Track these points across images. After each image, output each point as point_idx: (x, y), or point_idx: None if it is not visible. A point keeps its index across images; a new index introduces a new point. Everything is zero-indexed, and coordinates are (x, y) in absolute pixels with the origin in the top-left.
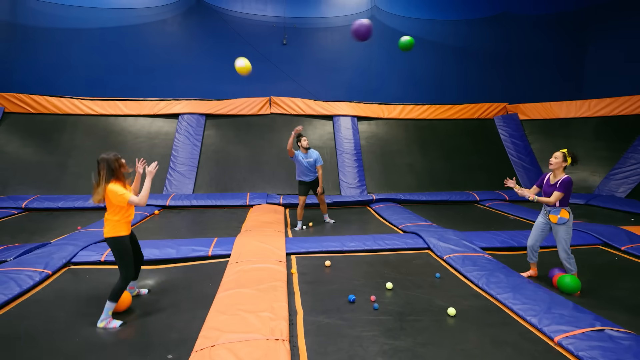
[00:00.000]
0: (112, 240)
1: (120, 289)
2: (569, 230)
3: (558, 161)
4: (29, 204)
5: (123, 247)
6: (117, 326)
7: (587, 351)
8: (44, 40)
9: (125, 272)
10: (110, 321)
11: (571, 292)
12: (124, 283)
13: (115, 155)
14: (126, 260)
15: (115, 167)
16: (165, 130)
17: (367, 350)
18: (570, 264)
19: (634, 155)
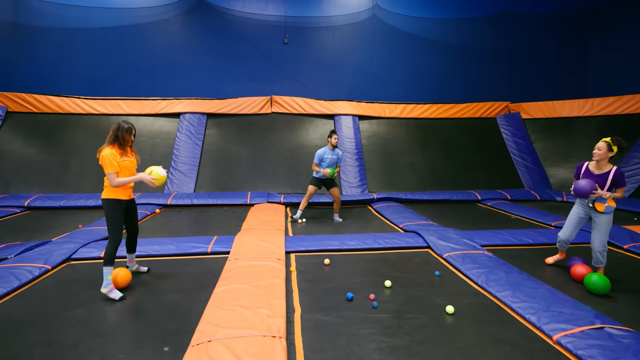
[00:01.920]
0: (104, 202)
1: (109, 252)
2: (611, 220)
3: (603, 152)
4: (32, 202)
5: (113, 210)
6: (117, 297)
7: (586, 350)
8: (46, 40)
9: (112, 235)
10: (112, 290)
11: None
12: (113, 246)
13: (128, 127)
14: (113, 222)
15: (120, 134)
16: (166, 129)
17: (364, 348)
18: (604, 256)
19: (637, 155)
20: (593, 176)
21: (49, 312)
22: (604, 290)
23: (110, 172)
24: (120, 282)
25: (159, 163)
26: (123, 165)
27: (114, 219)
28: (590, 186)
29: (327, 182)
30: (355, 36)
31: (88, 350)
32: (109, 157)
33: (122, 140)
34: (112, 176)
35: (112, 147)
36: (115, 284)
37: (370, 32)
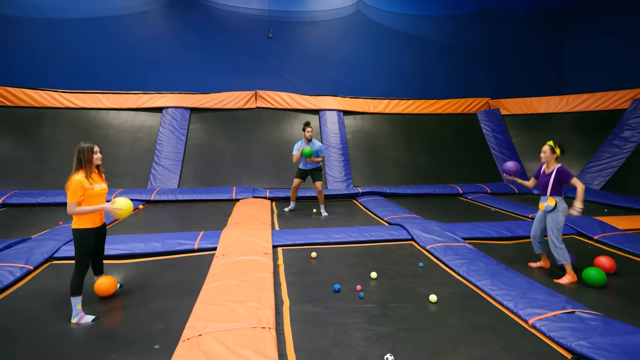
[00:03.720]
0: (74, 232)
1: (77, 282)
2: (558, 219)
3: (547, 155)
4: (7, 199)
5: (81, 240)
6: (90, 321)
7: (558, 332)
8: (22, 31)
9: (80, 264)
10: (83, 316)
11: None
12: (80, 276)
13: (89, 147)
14: (82, 252)
15: (83, 157)
16: (148, 124)
17: (351, 337)
18: (559, 254)
19: (608, 149)
20: (544, 175)
21: (32, 315)
22: (600, 283)
23: (70, 202)
24: (107, 290)
25: (141, 158)
26: (93, 193)
27: (82, 248)
28: (514, 167)
29: (312, 173)
30: (339, 32)
31: (77, 351)
32: (75, 186)
33: (87, 162)
34: (72, 205)
35: (79, 173)
36: (100, 293)
37: (354, 27)
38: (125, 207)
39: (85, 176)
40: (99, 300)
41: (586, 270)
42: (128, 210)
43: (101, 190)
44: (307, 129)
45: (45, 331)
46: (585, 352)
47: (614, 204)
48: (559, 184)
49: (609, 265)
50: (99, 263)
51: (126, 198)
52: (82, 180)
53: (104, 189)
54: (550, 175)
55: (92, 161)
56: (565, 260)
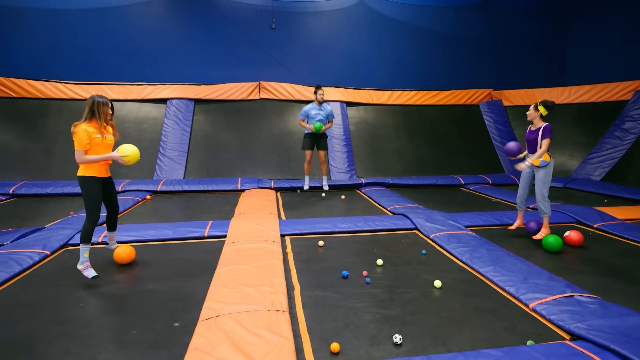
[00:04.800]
0: (79, 179)
1: (87, 230)
2: (549, 173)
3: (531, 112)
4: (17, 190)
5: (89, 187)
6: (90, 276)
7: (558, 315)
8: (24, 22)
9: (90, 213)
10: (88, 267)
11: (554, 249)
12: (90, 224)
13: (103, 99)
14: (90, 200)
15: (97, 110)
16: (153, 115)
17: (360, 319)
18: (545, 206)
19: (609, 141)
20: (531, 132)
21: (55, 295)
22: (557, 248)
23: (78, 149)
24: (125, 258)
25: (147, 149)
26: (98, 142)
27: (91, 197)
28: (516, 147)
29: (318, 141)
30: (342, 22)
31: (101, 326)
32: (81, 134)
33: (99, 115)
34: (79, 153)
35: (89, 123)
36: (120, 260)
37: (357, 18)
38: (132, 153)
39: (98, 128)
40: (119, 279)
41: (545, 239)
42: (135, 156)
43: (108, 141)
44: (318, 91)
45: (67, 307)
46: (582, 334)
47: (614, 195)
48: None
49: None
50: (113, 219)
51: (132, 145)
52: (87, 129)
53: (111, 139)
54: (537, 132)
55: (105, 114)
56: (548, 212)
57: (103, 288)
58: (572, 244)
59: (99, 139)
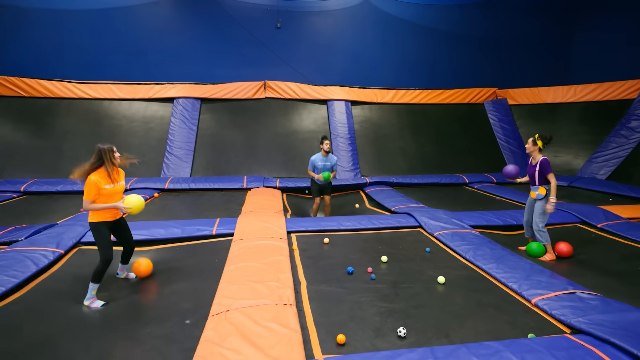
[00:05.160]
0: (90, 225)
1: (99, 271)
2: (543, 206)
3: (529, 146)
4: (28, 187)
5: (98, 233)
6: (99, 306)
7: (559, 310)
8: (33, 22)
9: (102, 255)
10: (94, 301)
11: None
12: (102, 265)
13: (109, 147)
14: (101, 243)
15: (105, 157)
16: (160, 114)
17: (365, 312)
18: (542, 236)
19: (615, 139)
20: (531, 166)
21: (71, 295)
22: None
23: (86, 199)
24: (143, 272)
25: (154, 148)
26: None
27: (101, 241)
28: (515, 171)
29: (323, 188)
30: (347, 21)
31: (116, 325)
32: (91, 186)
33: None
34: (87, 202)
35: (98, 172)
36: (139, 273)
37: (362, 17)
38: (135, 205)
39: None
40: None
41: (529, 245)
42: (138, 208)
43: (117, 189)
44: (325, 142)
45: (84, 307)
46: (583, 328)
47: (619, 194)
48: (542, 174)
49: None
50: (127, 255)
51: (138, 195)
52: (98, 180)
53: (122, 186)
54: (536, 166)
55: (114, 160)
56: (546, 241)
57: (116, 289)
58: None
59: (108, 190)
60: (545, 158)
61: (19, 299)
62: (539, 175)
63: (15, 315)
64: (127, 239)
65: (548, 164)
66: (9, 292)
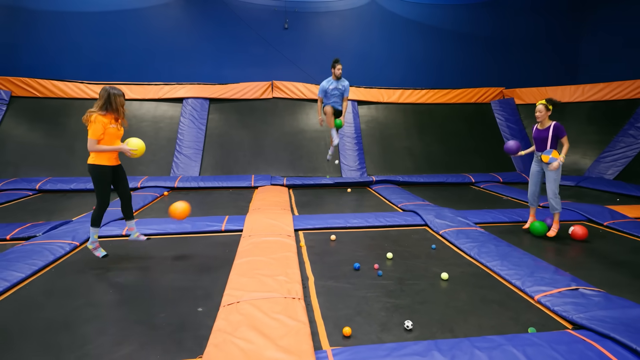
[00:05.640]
0: (90, 167)
1: (96, 214)
2: (559, 171)
3: (542, 114)
4: (43, 185)
5: (98, 175)
6: (100, 255)
7: (562, 306)
8: (47, 24)
9: (99, 198)
10: (97, 247)
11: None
12: (99, 208)
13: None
14: (100, 187)
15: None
16: (170, 114)
17: (372, 307)
18: (556, 202)
19: (623, 139)
20: (539, 131)
21: (86, 282)
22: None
23: (92, 138)
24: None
25: (164, 147)
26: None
27: (100, 183)
28: (516, 146)
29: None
30: (354, 22)
31: (130, 311)
32: (97, 125)
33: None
34: (93, 142)
35: (105, 114)
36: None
37: (369, 17)
38: (140, 147)
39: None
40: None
41: (532, 224)
42: (142, 151)
43: (118, 131)
44: (337, 65)
45: (98, 293)
46: (585, 324)
47: (627, 194)
48: (556, 138)
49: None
50: (127, 207)
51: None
52: (103, 120)
53: (122, 132)
54: (547, 130)
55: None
56: (559, 208)
57: (129, 277)
58: (577, 238)
59: (113, 129)
60: (557, 122)
61: (38, 283)
62: (552, 139)
63: (35, 297)
64: (124, 187)
65: (563, 127)
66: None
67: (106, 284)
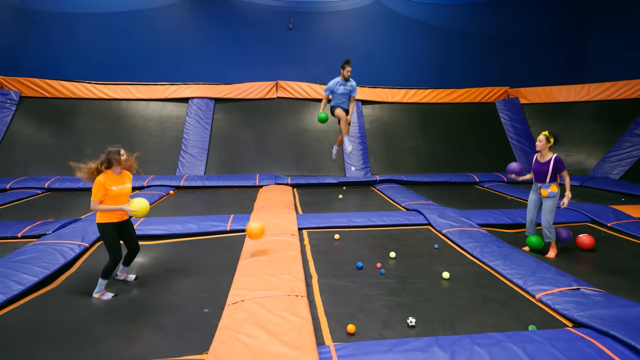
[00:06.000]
0: (97, 225)
1: (109, 268)
2: (555, 203)
3: (542, 143)
4: (52, 184)
5: (105, 233)
6: (109, 298)
7: (562, 305)
8: (56, 25)
9: (111, 253)
10: (104, 294)
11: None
12: (111, 263)
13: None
14: (108, 243)
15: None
16: (175, 114)
17: (374, 305)
18: (551, 232)
19: (629, 139)
20: (540, 164)
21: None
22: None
23: (94, 200)
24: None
25: (169, 147)
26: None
27: (109, 240)
28: (519, 168)
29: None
30: (358, 22)
31: (139, 313)
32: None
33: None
34: (94, 203)
35: (106, 173)
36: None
37: (373, 17)
38: (140, 208)
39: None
40: (151, 273)
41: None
42: (143, 211)
43: (124, 191)
44: (347, 67)
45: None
46: (584, 321)
47: (632, 193)
48: (555, 172)
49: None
50: (130, 258)
51: (143, 199)
52: (105, 182)
53: (128, 189)
54: (547, 164)
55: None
56: (553, 237)
57: (139, 280)
58: (583, 248)
59: (115, 191)
60: (558, 155)
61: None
62: (552, 172)
63: (48, 303)
64: (132, 241)
65: (563, 161)
66: (40, 282)
67: (113, 289)
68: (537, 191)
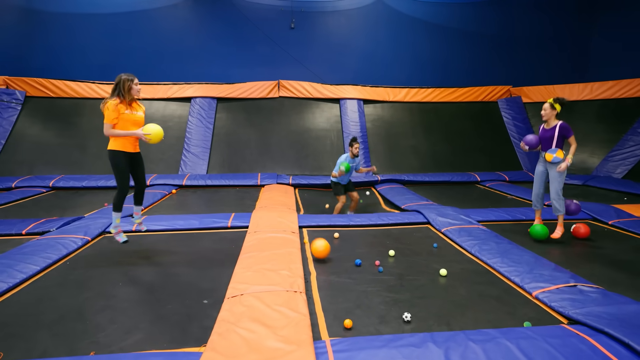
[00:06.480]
0: (109, 152)
1: (117, 199)
2: (563, 173)
3: (547, 112)
4: (56, 183)
5: (116, 160)
6: (121, 241)
7: (559, 302)
8: (60, 25)
9: (119, 184)
10: (119, 232)
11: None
12: (120, 194)
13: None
14: (118, 172)
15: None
16: (178, 113)
17: (371, 301)
18: (560, 204)
19: (632, 138)
20: (545, 131)
21: (97, 275)
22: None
23: (106, 123)
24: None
25: (172, 146)
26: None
27: (118, 169)
28: (535, 140)
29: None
30: (360, 21)
31: (139, 302)
32: (111, 109)
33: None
34: (107, 126)
35: (116, 99)
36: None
37: (374, 16)
38: (154, 132)
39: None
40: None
41: (532, 228)
42: (157, 136)
43: (136, 118)
44: (354, 144)
45: (109, 285)
46: (580, 319)
47: (635, 193)
48: (562, 138)
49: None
50: (139, 194)
51: (156, 124)
52: (115, 104)
53: (140, 117)
54: (553, 130)
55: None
56: (562, 210)
57: (139, 270)
58: (579, 236)
59: (127, 114)
60: (564, 121)
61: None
62: (557, 138)
63: (49, 289)
64: (140, 175)
65: (569, 127)
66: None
67: (114, 278)
68: (544, 161)
